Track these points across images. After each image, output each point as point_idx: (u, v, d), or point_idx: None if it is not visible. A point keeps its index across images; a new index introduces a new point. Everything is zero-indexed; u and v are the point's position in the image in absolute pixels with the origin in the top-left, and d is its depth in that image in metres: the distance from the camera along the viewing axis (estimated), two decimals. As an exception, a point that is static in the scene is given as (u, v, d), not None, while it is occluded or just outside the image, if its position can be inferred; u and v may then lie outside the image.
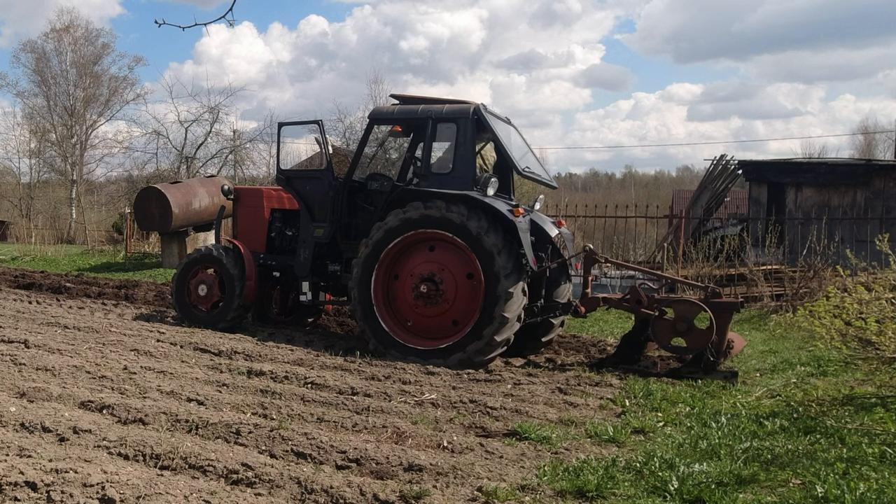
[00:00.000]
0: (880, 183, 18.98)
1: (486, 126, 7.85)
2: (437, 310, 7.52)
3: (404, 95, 8.79)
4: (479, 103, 7.95)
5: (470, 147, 7.81)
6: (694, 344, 7.04)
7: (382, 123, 8.97)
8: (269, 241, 9.23)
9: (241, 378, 6.01)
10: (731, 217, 23.85)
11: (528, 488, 3.75)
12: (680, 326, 7.04)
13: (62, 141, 39.71)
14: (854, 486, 3.68)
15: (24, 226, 27.58)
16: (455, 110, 7.96)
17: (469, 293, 7.42)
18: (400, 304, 7.72)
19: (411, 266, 7.66)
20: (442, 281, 7.49)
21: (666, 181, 69.07)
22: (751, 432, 4.92)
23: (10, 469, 3.34)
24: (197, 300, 8.90)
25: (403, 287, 7.68)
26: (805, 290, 12.13)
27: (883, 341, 5.57)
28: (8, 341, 6.77)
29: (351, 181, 8.45)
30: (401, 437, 4.52)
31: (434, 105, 8.22)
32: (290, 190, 8.84)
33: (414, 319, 7.66)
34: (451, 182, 7.68)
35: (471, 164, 7.81)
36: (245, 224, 9.37)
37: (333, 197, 8.41)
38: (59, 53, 40.12)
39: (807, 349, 8.42)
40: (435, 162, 8.06)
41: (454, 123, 7.87)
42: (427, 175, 7.86)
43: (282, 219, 9.26)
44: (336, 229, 8.40)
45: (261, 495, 3.48)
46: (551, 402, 5.75)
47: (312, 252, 8.50)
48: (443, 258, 7.56)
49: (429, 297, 7.50)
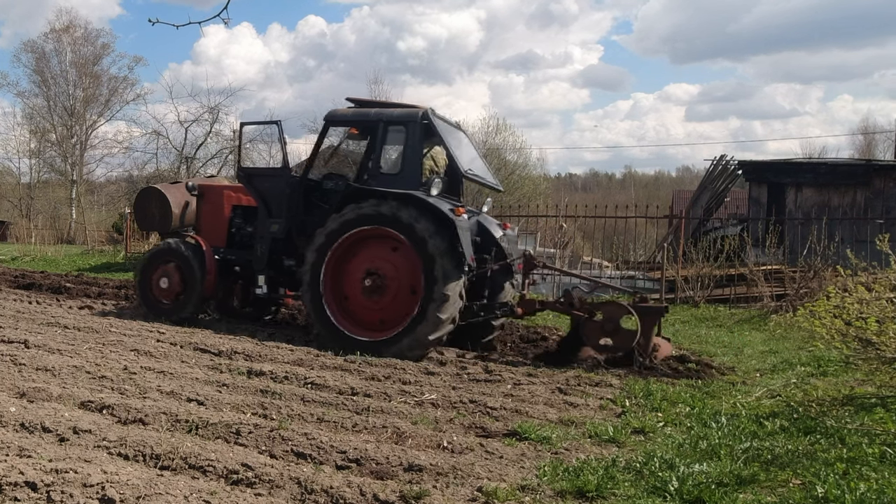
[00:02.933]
0: (880, 183, 19.00)
1: (433, 130, 8.17)
2: (380, 303, 7.91)
3: (359, 99, 9.15)
4: (428, 108, 8.33)
5: (417, 149, 8.19)
6: (620, 343, 7.40)
7: (337, 125, 9.30)
8: (230, 236, 9.54)
9: (241, 378, 6.01)
10: (732, 217, 23.86)
11: (528, 488, 3.75)
12: (608, 327, 7.44)
13: (62, 141, 39.74)
14: (854, 487, 3.67)
15: (24, 226, 27.61)
16: (404, 114, 8.34)
17: (409, 289, 7.78)
18: (346, 296, 8.09)
19: (357, 261, 8.03)
20: (385, 276, 7.86)
21: (666, 181, 69.06)
22: (751, 432, 4.91)
23: (10, 469, 3.34)
24: (160, 293, 9.23)
25: (350, 280, 8.04)
26: (805, 290, 12.13)
27: (883, 341, 5.57)
28: (8, 341, 6.77)
29: (307, 180, 8.83)
30: (401, 438, 4.52)
31: (385, 109, 8.64)
32: (250, 187, 9.17)
33: (358, 311, 8.04)
34: (400, 182, 8.03)
35: (418, 165, 8.20)
36: (207, 220, 9.71)
37: (290, 195, 8.76)
38: (59, 53, 40.20)
39: (807, 349, 8.42)
40: (386, 163, 8.48)
41: (404, 127, 8.23)
42: (378, 175, 8.25)
43: (242, 215, 9.56)
44: (292, 226, 8.74)
45: (261, 495, 3.47)
46: (551, 403, 5.74)
47: (269, 247, 8.86)
48: (386, 254, 7.94)
49: (372, 291, 7.88)
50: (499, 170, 40.40)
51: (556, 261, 16.94)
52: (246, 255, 9.17)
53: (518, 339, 9.36)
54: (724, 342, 9.74)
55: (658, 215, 18.40)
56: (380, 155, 8.33)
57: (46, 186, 41.33)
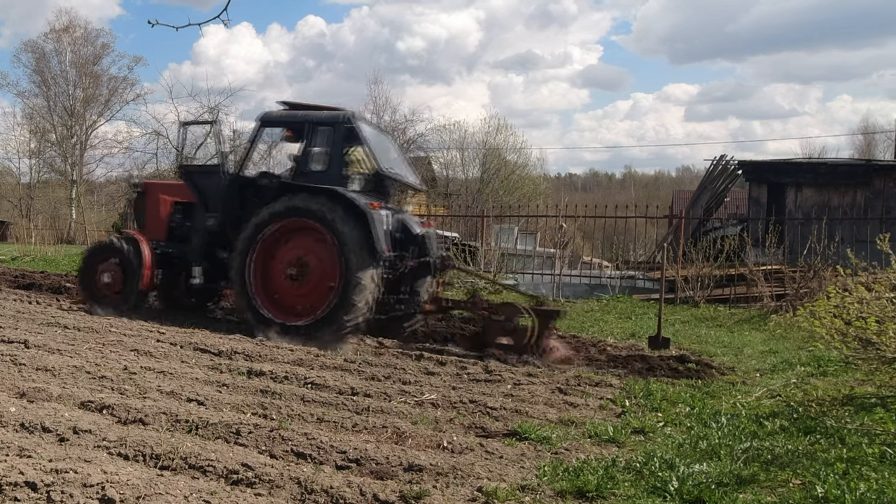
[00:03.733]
0: (880, 183, 19.00)
1: (355, 131, 8.83)
2: (302, 290, 8.48)
3: (292, 102, 9.79)
4: (352, 111, 9.07)
5: (341, 149, 8.85)
6: (517, 341, 7.95)
7: (269, 126, 10.00)
8: (170, 230, 9.97)
9: (241, 378, 6.01)
10: (731, 217, 23.86)
11: (528, 488, 3.75)
12: (507, 326, 8.03)
13: (62, 141, 39.71)
14: (854, 487, 3.67)
15: (24, 226, 27.60)
16: (330, 116, 9.02)
17: (329, 277, 8.32)
18: (272, 284, 8.64)
19: (283, 251, 8.62)
20: (307, 265, 8.45)
21: (666, 181, 69.07)
22: (751, 432, 4.91)
23: (10, 469, 3.34)
24: (102, 287, 9.65)
25: (275, 269, 8.61)
26: (805, 290, 12.14)
27: (883, 341, 5.57)
28: (8, 341, 6.76)
29: (242, 177, 9.42)
30: (401, 438, 4.52)
31: (313, 112, 9.33)
32: (189, 183, 9.74)
33: (283, 297, 8.61)
34: (325, 178, 8.66)
35: (341, 163, 8.85)
36: (150, 215, 10.17)
37: (225, 190, 9.32)
38: (59, 53, 40.16)
39: (807, 349, 8.42)
40: (314, 161, 8.99)
41: (329, 127, 8.90)
42: (307, 172, 8.87)
43: (182, 210, 10.00)
44: (226, 220, 9.23)
45: (261, 495, 3.47)
46: (551, 403, 5.74)
47: (204, 240, 9.38)
48: (309, 245, 8.51)
49: (295, 279, 8.48)
50: (499, 170, 40.49)
51: (556, 261, 16.95)
52: (184, 248, 9.63)
53: None
54: (723, 342, 9.74)
55: (658, 215, 18.40)
56: (308, 154, 8.93)
57: (46, 186, 41.30)
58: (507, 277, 16.67)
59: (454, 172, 42.85)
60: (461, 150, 41.98)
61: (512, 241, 18.32)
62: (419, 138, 36.75)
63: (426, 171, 41.52)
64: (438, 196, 40.76)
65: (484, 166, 40.69)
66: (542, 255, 17.88)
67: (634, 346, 9.23)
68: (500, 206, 31.94)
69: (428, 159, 41.00)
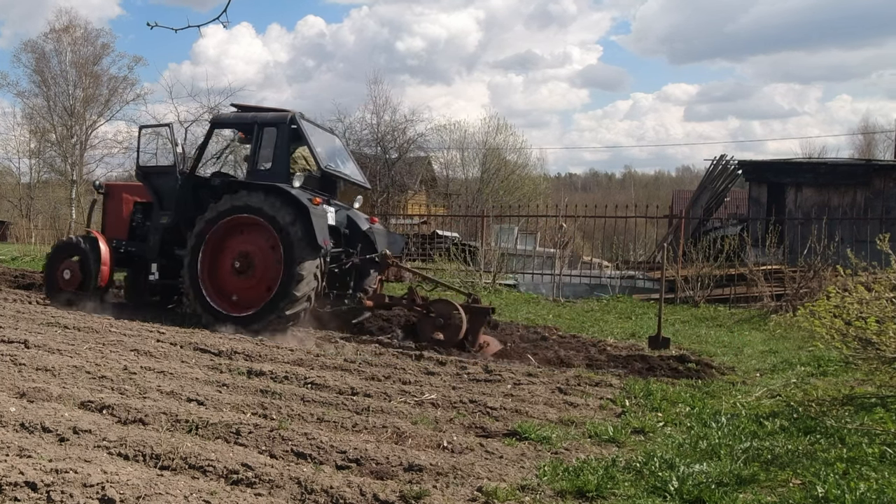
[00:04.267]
0: (880, 183, 19.00)
1: (299, 131, 9.19)
2: (248, 283, 8.87)
3: (242, 105, 10.32)
4: (297, 112, 9.34)
5: (285, 148, 9.21)
6: (449, 336, 8.30)
7: (220, 127, 10.74)
8: (131, 230, 10.42)
9: (241, 378, 6.01)
10: (731, 217, 23.86)
11: (528, 488, 3.75)
12: (438, 322, 8.39)
13: (62, 141, 39.66)
14: (854, 486, 3.67)
15: (24, 226, 27.59)
16: (276, 117, 9.38)
17: (272, 269, 8.67)
18: (221, 278, 9.03)
19: (230, 246, 9.00)
20: (252, 258, 8.84)
21: (666, 181, 69.06)
22: (751, 432, 4.91)
23: (10, 469, 3.33)
24: (64, 284, 10.10)
25: (223, 263, 9.01)
26: (805, 289, 12.15)
27: (883, 341, 5.57)
28: (8, 341, 6.76)
29: (195, 177, 9.82)
30: (401, 438, 4.52)
31: (261, 113, 9.75)
32: (146, 183, 10.12)
33: (230, 290, 8.98)
34: (271, 176, 9.08)
35: (286, 161, 9.20)
36: (112, 215, 10.66)
37: (179, 190, 9.67)
38: (59, 53, 40.06)
39: (807, 349, 8.43)
40: (262, 160, 9.40)
41: (275, 128, 9.27)
42: (255, 171, 9.30)
43: (142, 210, 10.45)
44: (180, 218, 9.58)
45: (261, 495, 3.47)
46: (551, 403, 5.74)
47: (160, 238, 9.74)
48: (254, 239, 8.89)
49: (241, 272, 8.86)
50: (499, 170, 40.47)
51: (556, 261, 16.95)
52: (144, 246, 10.03)
53: (518, 338, 9.38)
54: (723, 342, 9.75)
55: (658, 215, 18.41)
56: (256, 153, 9.34)
57: (46, 186, 41.25)
58: (508, 277, 16.68)
59: (454, 172, 42.87)
60: (461, 149, 41.98)
61: (512, 241, 18.32)
62: (419, 138, 36.72)
63: (426, 171, 41.56)
64: (439, 196, 40.77)
65: (484, 166, 40.68)
66: (542, 255, 17.88)
67: (634, 345, 9.24)
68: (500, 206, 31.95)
69: (428, 159, 41.00)
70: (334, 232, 9.41)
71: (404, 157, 36.42)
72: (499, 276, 16.25)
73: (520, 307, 13.30)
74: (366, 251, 9.38)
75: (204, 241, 8.94)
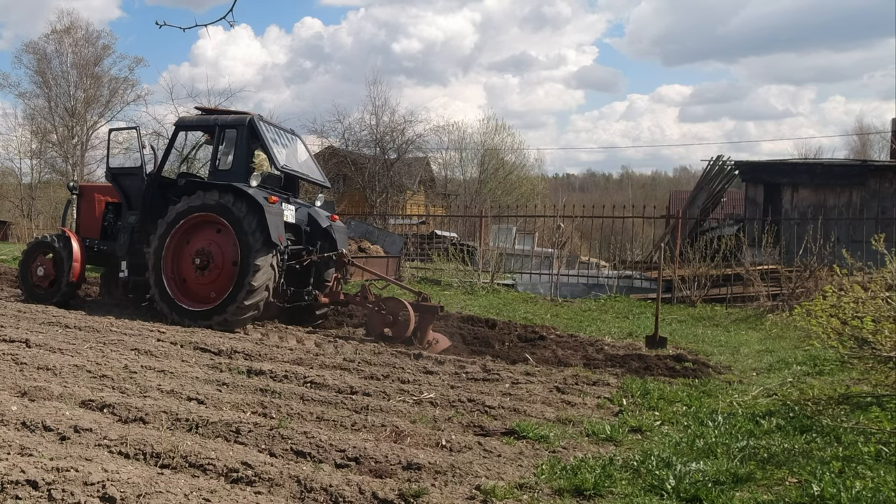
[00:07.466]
0: (876, 183, 19.03)
1: (257, 132, 9.43)
2: (208, 278, 9.12)
3: (206, 108, 10.85)
4: (255, 114, 9.65)
5: (244, 148, 9.51)
6: (398, 333, 8.51)
7: (184, 130, 10.85)
8: (103, 229, 10.71)
9: (241, 377, 6.03)
10: (728, 217, 23.91)
11: (526, 487, 3.77)
12: (387, 320, 8.65)
13: (63, 142, 39.60)
14: (850, 485, 3.70)
15: (26, 226, 27.51)
16: (235, 119, 9.71)
17: (231, 264, 8.94)
18: (182, 274, 9.31)
19: (191, 244, 9.27)
20: (211, 254, 9.09)
21: (663, 181, 69.12)
22: (747, 431, 4.94)
23: (12, 468, 3.35)
24: (37, 280, 10.46)
25: (185, 260, 9.28)
26: (801, 289, 12.20)
27: (879, 340, 5.60)
28: (9, 341, 6.78)
29: (161, 177, 10.07)
30: (399, 436, 4.54)
31: (222, 115, 10.13)
32: (115, 184, 10.42)
33: (192, 286, 9.26)
34: (231, 176, 9.33)
35: (245, 161, 9.50)
36: (85, 215, 10.93)
37: (146, 190, 9.96)
38: (60, 54, 40.02)
39: (803, 348, 8.47)
40: (223, 160, 9.70)
41: (235, 130, 9.60)
42: (216, 171, 9.62)
43: (114, 210, 10.76)
44: (147, 217, 9.84)
45: (260, 494, 3.49)
46: (549, 401, 5.77)
47: (129, 236, 9.99)
48: (213, 236, 9.18)
49: (201, 268, 9.13)
50: (497, 170, 40.51)
51: (554, 260, 16.98)
52: (115, 245, 10.27)
53: (516, 338, 9.41)
54: (720, 341, 9.78)
55: (655, 215, 18.45)
56: (217, 154, 9.67)
57: (47, 187, 41.12)
58: (506, 277, 16.71)
59: (452, 173, 42.92)
60: (459, 150, 42.01)
61: (510, 241, 18.36)
62: (418, 139, 36.75)
63: (425, 172, 41.58)
64: (437, 196, 40.78)
65: (482, 167, 40.72)
66: (540, 255, 17.92)
67: (632, 345, 9.26)
68: (499, 207, 31.99)
69: (426, 160, 41.02)
70: (294, 229, 9.76)
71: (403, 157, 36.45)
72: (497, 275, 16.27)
73: (518, 307, 13.32)
74: (326, 248, 9.69)
75: (165, 243, 9.22)
